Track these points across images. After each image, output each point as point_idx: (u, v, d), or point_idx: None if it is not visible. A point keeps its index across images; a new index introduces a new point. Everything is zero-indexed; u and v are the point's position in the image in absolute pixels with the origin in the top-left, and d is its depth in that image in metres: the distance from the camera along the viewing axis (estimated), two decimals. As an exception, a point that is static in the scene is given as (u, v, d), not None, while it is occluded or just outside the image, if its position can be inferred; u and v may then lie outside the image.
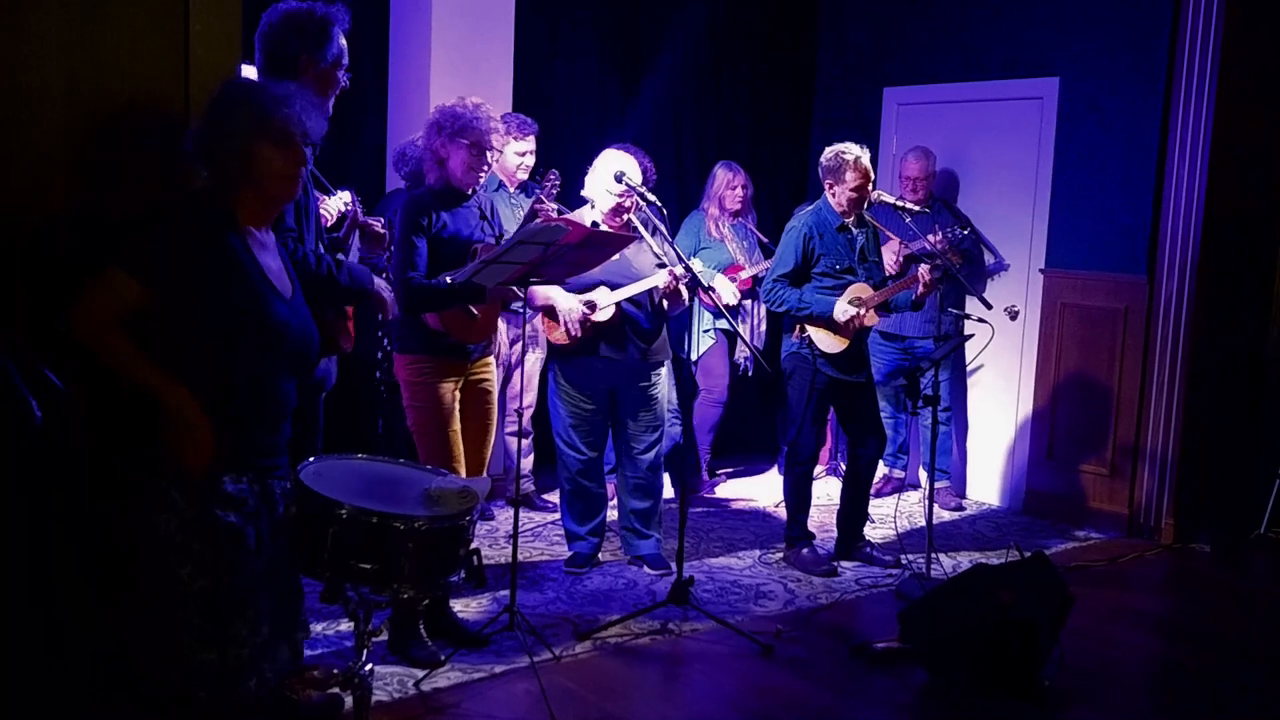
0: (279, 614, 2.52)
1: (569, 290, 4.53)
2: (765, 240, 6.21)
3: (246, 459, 2.47)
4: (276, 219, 2.98)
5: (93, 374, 2.36)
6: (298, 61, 3.13)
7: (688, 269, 4.33)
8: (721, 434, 6.55)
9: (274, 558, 2.50)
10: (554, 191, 4.90)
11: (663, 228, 4.75)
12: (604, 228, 4.48)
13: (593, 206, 4.57)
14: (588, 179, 4.58)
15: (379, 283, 3.27)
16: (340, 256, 3.27)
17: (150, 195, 2.52)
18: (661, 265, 4.44)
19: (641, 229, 4.42)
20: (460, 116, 3.82)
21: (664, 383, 4.83)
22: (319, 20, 3.17)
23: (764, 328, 6.30)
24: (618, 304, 4.55)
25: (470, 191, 3.97)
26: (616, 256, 4.55)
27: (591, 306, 4.52)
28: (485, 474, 4.13)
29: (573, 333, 4.53)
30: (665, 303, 4.63)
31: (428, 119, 3.93)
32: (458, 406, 3.95)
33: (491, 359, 4.12)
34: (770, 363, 5.11)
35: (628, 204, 4.47)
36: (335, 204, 3.56)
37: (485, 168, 3.92)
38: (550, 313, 4.59)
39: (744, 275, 5.97)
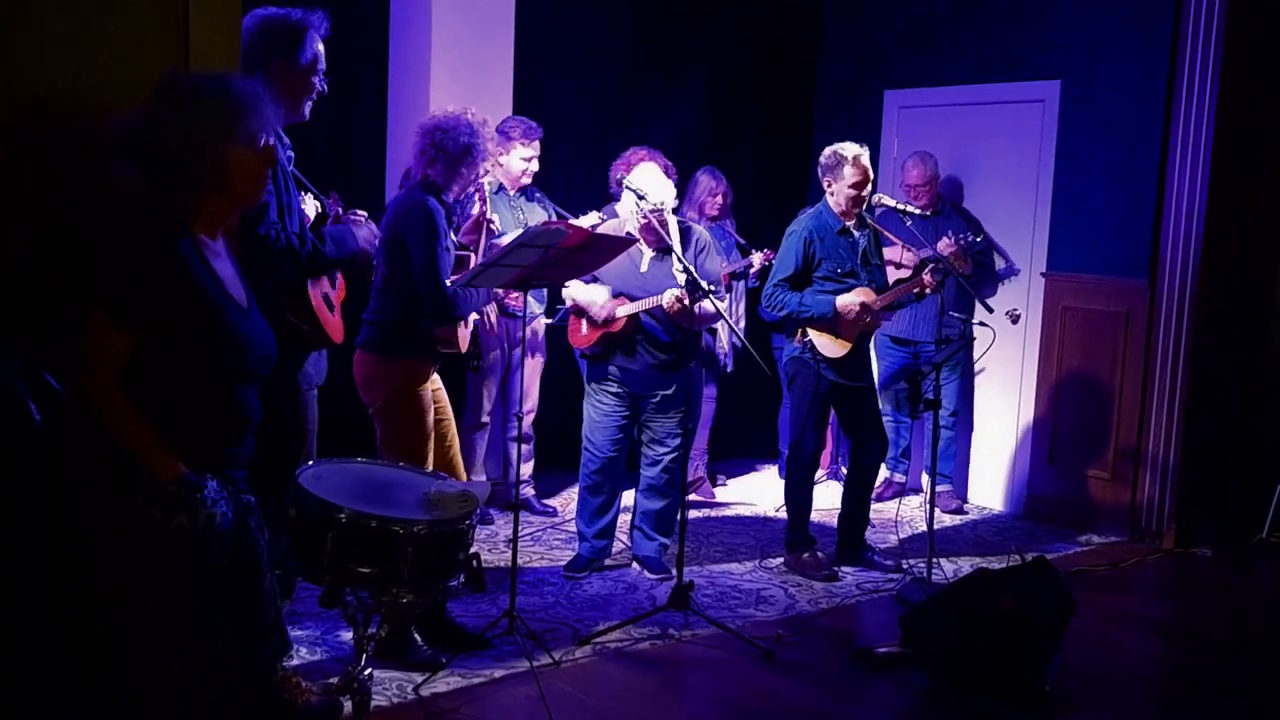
0: (248, 629, 2.46)
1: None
2: (742, 242, 6.21)
3: (211, 471, 2.38)
4: (260, 214, 2.98)
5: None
6: (269, 66, 3.15)
7: (690, 276, 4.29)
8: (721, 436, 6.54)
9: (230, 570, 2.42)
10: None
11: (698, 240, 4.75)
12: (639, 239, 4.53)
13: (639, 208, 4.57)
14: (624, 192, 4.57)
15: (361, 236, 3.31)
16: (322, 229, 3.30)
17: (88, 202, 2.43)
18: (687, 280, 4.35)
19: (676, 242, 4.41)
20: (474, 148, 3.78)
21: (690, 388, 4.77)
22: (292, 26, 3.19)
23: (743, 324, 6.29)
24: (633, 316, 4.56)
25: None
26: (645, 269, 4.59)
27: (611, 314, 4.55)
28: (472, 476, 4.11)
29: (590, 338, 4.58)
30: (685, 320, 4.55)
31: (440, 121, 3.81)
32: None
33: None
34: (766, 361, 5.10)
35: (655, 221, 4.45)
36: (310, 206, 3.56)
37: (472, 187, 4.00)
38: (579, 311, 4.63)
39: (723, 271, 5.96)
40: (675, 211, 6.03)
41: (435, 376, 3.99)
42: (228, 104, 2.33)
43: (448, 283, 3.76)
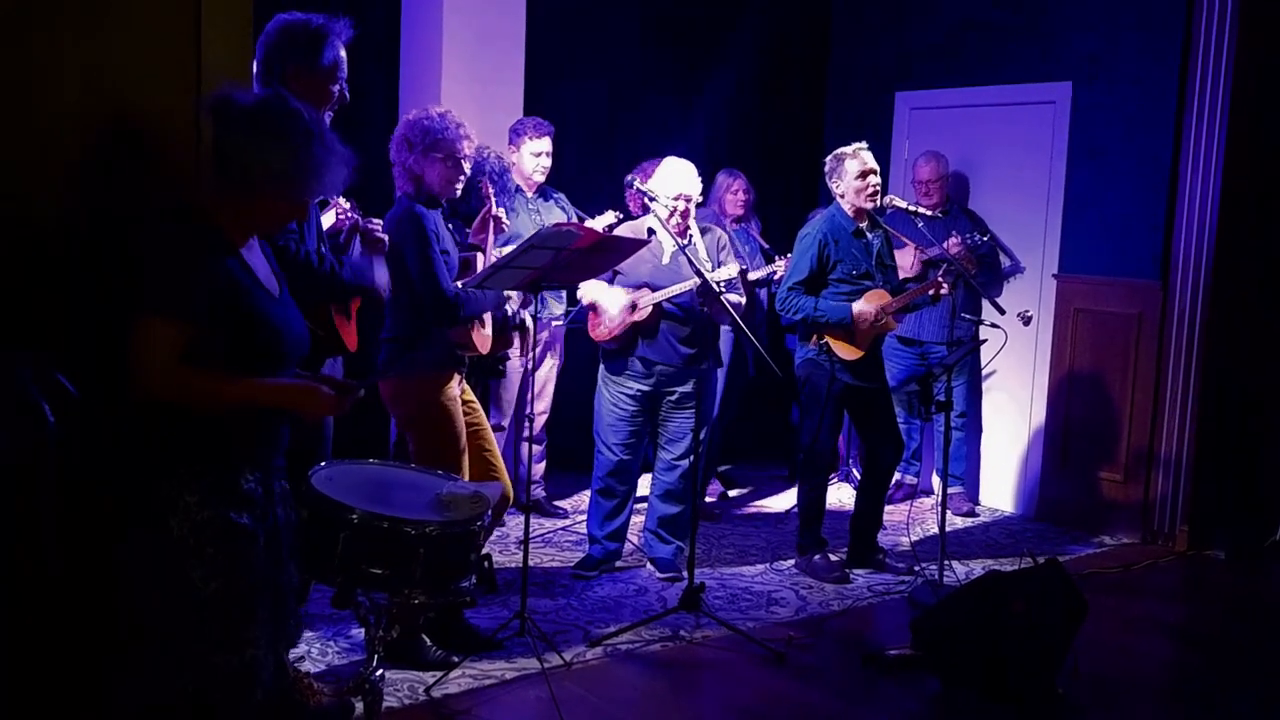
0: (276, 620, 2.50)
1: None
2: (766, 246, 6.20)
3: (261, 455, 2.43)
4: None
5: (105, 378, 2.36)
6: (287, 70, 3.14)
7: (701, 278, 4.31)
8: (731, 440, 6.54)
9: (271, 562, 2.46)
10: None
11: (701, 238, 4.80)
12: (661, 232, 4.58)
13: (653, 210, 4.57)
14: (652, 184, 4.60)
15: (379, 275, 3.30)
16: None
17: (135, 209, 2.47)
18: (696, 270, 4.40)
19: (697, 234, 4.45)
20: (430, 130, 3.72)
21: (706, 388, 4.80)
22: (313, 31, 3.17)
23: (763, 329, 6.30)
24: (657, 305, 4.57)
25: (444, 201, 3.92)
26: (667, 260, 4.62)
27: (633, 306, 4.56)
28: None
29: (613, 330, 4.58)
30: (708, 308, 4.59)
31: (395, 133, 3.82)
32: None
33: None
34: (780, 368, 5.10)
35: (682, 211, 4.55)
36: (329, 216, 3.56)
37: (461, 176, 3.83)
38: (596, 309, 4.65)
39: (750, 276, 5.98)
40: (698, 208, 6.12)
41: (465, 386, 3.99)
42: (310, 156, 2.40)
43: (450, 285, 3.75)
